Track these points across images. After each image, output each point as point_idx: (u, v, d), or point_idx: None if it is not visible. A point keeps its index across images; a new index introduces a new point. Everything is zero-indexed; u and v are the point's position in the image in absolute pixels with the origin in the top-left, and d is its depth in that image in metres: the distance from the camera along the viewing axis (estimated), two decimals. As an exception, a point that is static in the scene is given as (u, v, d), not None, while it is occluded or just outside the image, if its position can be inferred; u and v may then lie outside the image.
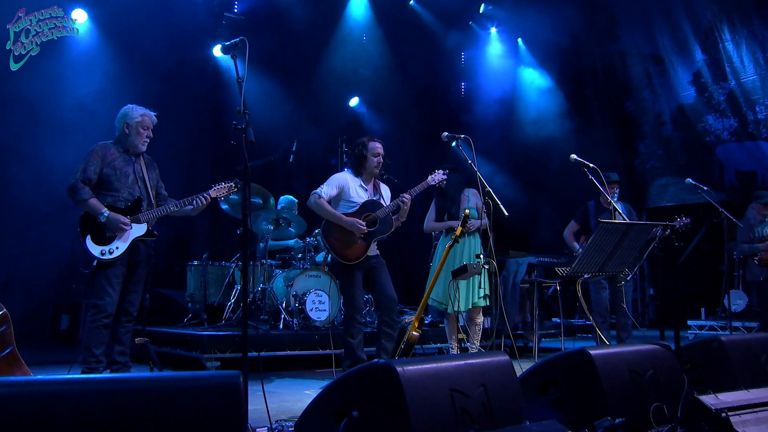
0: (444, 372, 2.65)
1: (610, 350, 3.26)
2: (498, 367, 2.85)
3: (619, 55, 11.76)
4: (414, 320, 3.74)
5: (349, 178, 4.95)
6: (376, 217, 4.83)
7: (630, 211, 6.40)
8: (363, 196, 4.92)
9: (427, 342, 6.34)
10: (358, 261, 4.76)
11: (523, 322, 6.57)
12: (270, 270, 6.54)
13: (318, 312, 6.06)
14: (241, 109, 2.94)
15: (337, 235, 4.78)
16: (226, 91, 9.18)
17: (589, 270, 3.42)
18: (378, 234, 4.84)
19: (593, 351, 3.14)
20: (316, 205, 4.79)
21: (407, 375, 2.52)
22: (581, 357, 3.11)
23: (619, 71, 11.81)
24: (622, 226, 3.36)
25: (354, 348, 4.79)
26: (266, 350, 5.54)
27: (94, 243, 4.29)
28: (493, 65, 11.65)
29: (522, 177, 11.08)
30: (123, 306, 4.47)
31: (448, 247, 3.77)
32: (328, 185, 4.88)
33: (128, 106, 4.66)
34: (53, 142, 6.61)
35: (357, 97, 10.76)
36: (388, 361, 2.54)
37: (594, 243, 3.29)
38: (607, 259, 3.41)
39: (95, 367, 4.22)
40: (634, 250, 3.51)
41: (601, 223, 3.30)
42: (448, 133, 4.72)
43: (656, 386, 3.25)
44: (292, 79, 9.88)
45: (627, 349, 3.35)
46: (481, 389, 2.73)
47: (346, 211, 4.85)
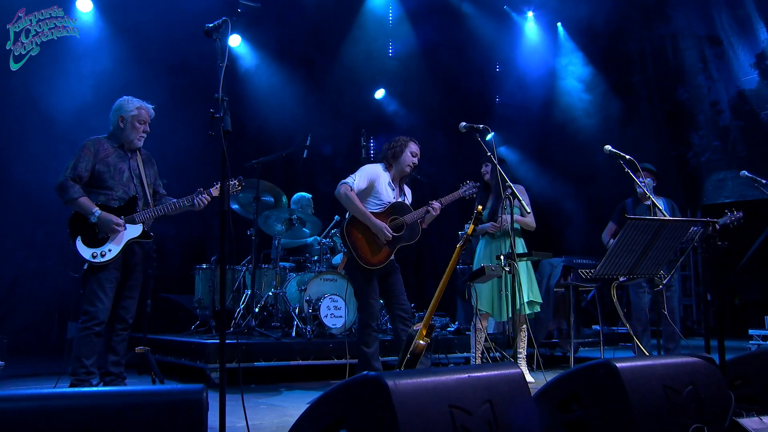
0: (443, 386, 2.49)
1: (641, 362, 3.05)
2: (507, 380, 2.68)
3: (670, 38, 11.36)
4: (422, 327, 3.58)
5: (380, 172, 4.83)
6: (404, 222, 4.73)
7: (672, 208, 6.12)
8: (391, 195, 4.82)
9: (452, 351, 6.18)
10: (379, 266, 4.65)
11: (558, 329, 6.34)
12: (283, 273, 6.46)
13: (333, 318, 5.95)
14: (219, 96, 2.82)
15: (362, 235, 4.67)
16: (241, 84, 9.18)
17: (618, 272, 3.21)
18: (403, 241, 4.74)
19: (620, 363, 2.93)
20: (346, 198, 4.65)
21: (400, 390, 2.37)
22: (605, 370, 2.91)
23: (670, 55, 11.41)
24: (653, 222, 3.13)
25: (369, 358, 4.68)
26: (276, 360, 5.45)
27: (84, 245, 4.23)
28: (530, 52, 11.38)
29: (561, 172, 10.80)
30: (117, 313, 4.41)
31: (458, 248, 3.61)
32: (360, 176, 4.74)
33: (123, 98, 4.60)
34: (58, 141, 6.67)
35: (383, 89, 10.65)
36: (378, 374, 2.39)
37: (621, 242, 3.08)
38: (637, 260, 3.19)
39: (85, 378, 4.16)
40: (670, 250, 3.28)
41: (629, 219, 3.09)
42: (467, 123, 4.56)
43: (696, 405, 3.03)
44: (312, 70, 9.83)
45: (661, 361, 3.13)
46: (486, 406, 2.56)
47: (373, 209, 4.73)
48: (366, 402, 2.39)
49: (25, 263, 7.25)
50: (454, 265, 3.60)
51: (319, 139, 9.64)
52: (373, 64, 10.25)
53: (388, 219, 4.70)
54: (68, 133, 6.60)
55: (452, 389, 2.51)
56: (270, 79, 9.25)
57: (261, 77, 9.24)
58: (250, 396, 4.96)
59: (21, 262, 7.25)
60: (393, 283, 4.81)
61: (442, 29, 10.43)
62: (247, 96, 9.19)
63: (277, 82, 9.28)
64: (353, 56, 9.91)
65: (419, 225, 4.81)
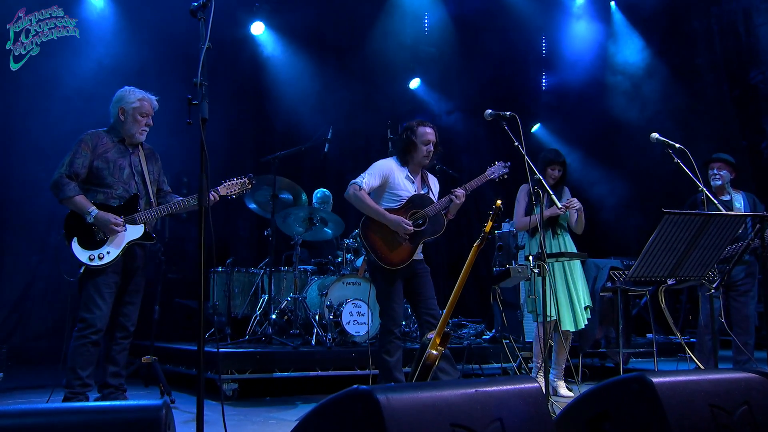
0: (444, 402, 2.34)
1: (682, 377, 2.82)
2: (522, 396, 2.51)
3: (742, 13, 10.85)
4: (435, 336, 3.41)
5: (394, 167, 4.71)
6: (425, 214, 4.58)
7: (754, 203, 5.79)
8: (410, 189, 4.68)
9: (487, 361, 5.99)
10: (401, 266, 4.52)
11: (606, 337, 6.07)
12: (304, 276, 6.38)
13: (356, 325, 5.83)
14: (197, 81, 2.72)
15: (379, 234, 4.55)
16: (266, 73, 9.17)
17: (656, 274, 2.99)
18: (427, 235, 4.59)
19: (657, 377, 2.72)
20: (355, 197, 4.56)
21: (393, 406, 2.23)
22: (639, 385, 2.70)
23: (742, 34, 10.89)
24: (696, 218, 2.89)
25: (391, 368, 4.55)
26: (293, 370, 5.36)
27: (81, 247, 4.20)
28: (581, 35, 11.04)
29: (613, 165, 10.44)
30: (118, 320, 4.39)
31: (476, 247, 3.43)
32: (370, 174, 4.66)
33: (125, 89, 4.57)
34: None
35: (418, 78, 10.50)
36: (369, 388, 2.25)
37: (657, 240, 2.86)
38: (679, 260, 2.96)
39: (81, 391, 4.12)
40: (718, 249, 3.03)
41: (666, 213, 2.86)
42: (492, 111, 4.39)
43: (751, 428, 2.79)
44: (342, 58, 9.74)
45: (708, 376, 2.89)
46: (496, 425, 2.40)
47: (390, 206, 4.62)
48: (355, 420, 2.26)
49: (38, 268, 7.35)
50: (470, 266, 3.43)
51: (350, 132, 9.58)
52: (406, 51, 10.11)
53: (407, 214, 4.56)
54: (82, 129, 6.68)
55: (455, 406, 2.36)
56: (296, 69, 9.21)
57: (286, 66, 9.21)
58: (261, 410, 4.88)
59: (34, 267, 7.35)
60: (421, 286, 4.66)
61: (481, 12, 10.20)
62: (272, 87, 9.17)
63: (303, 71, 9.23)
64: (385, 43, 9.79)
65: (444, 216, 4.65)
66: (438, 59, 10.47)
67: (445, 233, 4.74)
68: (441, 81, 10.59)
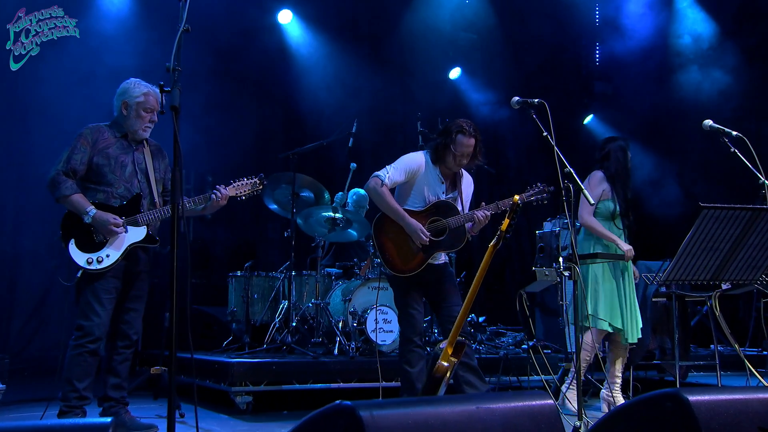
0: (437, 420, 2.20)
1: (726, 396, 2.60)
2: (532, 414, 2.34)
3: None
4: (447, 345, 3.25)
5: (424, 164, 4.57)
6: (446, 225, 4.44)
7: None
8: (438, 191, 4.54)
9: (526, 372, 5.78)
10: (411, 274, 4.39)
11: (660, 348, 5.79)
12: (328, 281, 6.28)
13: (382, 334, 5.71)
14: (170, 65, 2.62)
15: (392, 236, 4.45)
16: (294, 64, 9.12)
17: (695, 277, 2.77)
18: (443, 248, 4.49)
19: (695, 395, 2.51)
20: (374, 192, 4.45)
21: (378, 423, 2.11)
22: (673, 403, 2.50)
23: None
24: (740, 213, 2.66)
25: (413, 379, 4.45)
26: (312, 382, 5.27)
27: (79, 249, 4.18)
28: (639, 14, 10.66)
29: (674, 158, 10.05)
30: (119, 328, 4.35)
31: (491, 248, 3.25)
32: (396, 169, 4.52)
33: (130, 81, 4.50)
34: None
35: (459, 68, 10.32)
36: (352, 404, 2.13)
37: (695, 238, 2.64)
38: (724, 261, 2.73)
39: (77, 405, 4.07)
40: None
41: (703, 207, 2.64)
42: (520, 98, 4.20)
43: (808, 454, 2.56)
44: (376, 47, 9.65)
45: (758, 396, 2.66)
46: (499, 447, 2.24)
47: (412, 208, 4.49)
48: (336, 438, 2.14)
49: (55, 273, 7.43)
50: (485, 269, 3.26)
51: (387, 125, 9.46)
52: (445, 39, 9.94)
53: (428, 220, 4.42)
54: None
55: (452, 424, 2.22)
56: (327, 59, 9.14)
57: (316, 57, 9.15)
58: (275, 425, 4.80)
59: (51, 273, 7.42)
60: (443, 291, 4.54)
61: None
62: (300, 78, 9.12)
63: (335, 61, 9.15)
64: (422, 32, 9.64)
65: (466, 231, 4.50)
66: (480, 46, 10.26)
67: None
68: (483, 70, 10.37)
